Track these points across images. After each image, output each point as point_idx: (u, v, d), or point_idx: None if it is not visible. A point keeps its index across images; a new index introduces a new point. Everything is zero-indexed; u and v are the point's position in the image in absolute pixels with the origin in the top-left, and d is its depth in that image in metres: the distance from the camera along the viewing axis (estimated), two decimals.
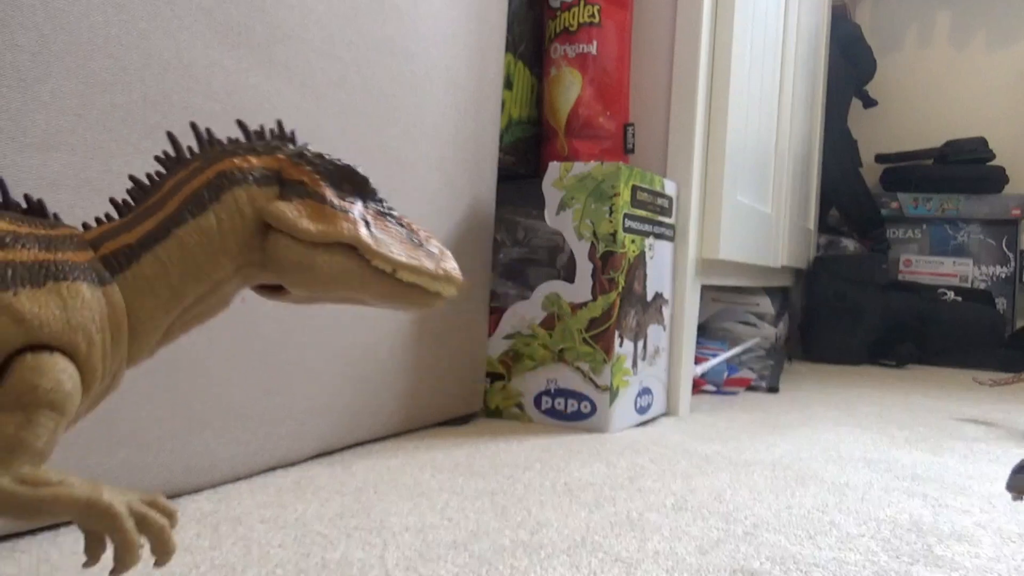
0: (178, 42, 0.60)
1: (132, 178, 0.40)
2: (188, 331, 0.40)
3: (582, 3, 1.20)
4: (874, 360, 2.19)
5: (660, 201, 1.12)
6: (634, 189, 1.04)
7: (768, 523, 0.67)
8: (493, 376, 1.08)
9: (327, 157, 0.41)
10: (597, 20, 1.19)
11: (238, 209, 0.39)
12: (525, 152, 1.23)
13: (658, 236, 1.12)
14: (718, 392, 1.45)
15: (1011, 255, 2.43)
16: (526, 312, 1.06)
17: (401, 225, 0.41)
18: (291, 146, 0.41)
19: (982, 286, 2.43)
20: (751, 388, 1.51)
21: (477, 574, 0.52)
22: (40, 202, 0.38)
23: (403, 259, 0.40)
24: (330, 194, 0.40)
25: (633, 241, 1.05)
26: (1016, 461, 0.99)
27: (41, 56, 0.51)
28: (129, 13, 0.57)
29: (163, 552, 0.36)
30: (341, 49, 0.77)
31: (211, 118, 0.64)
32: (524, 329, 1.06)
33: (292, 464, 0.77)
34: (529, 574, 0.52)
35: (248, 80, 0.67)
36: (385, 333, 0.87)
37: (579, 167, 1.04)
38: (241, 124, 0.42)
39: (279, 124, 0.43)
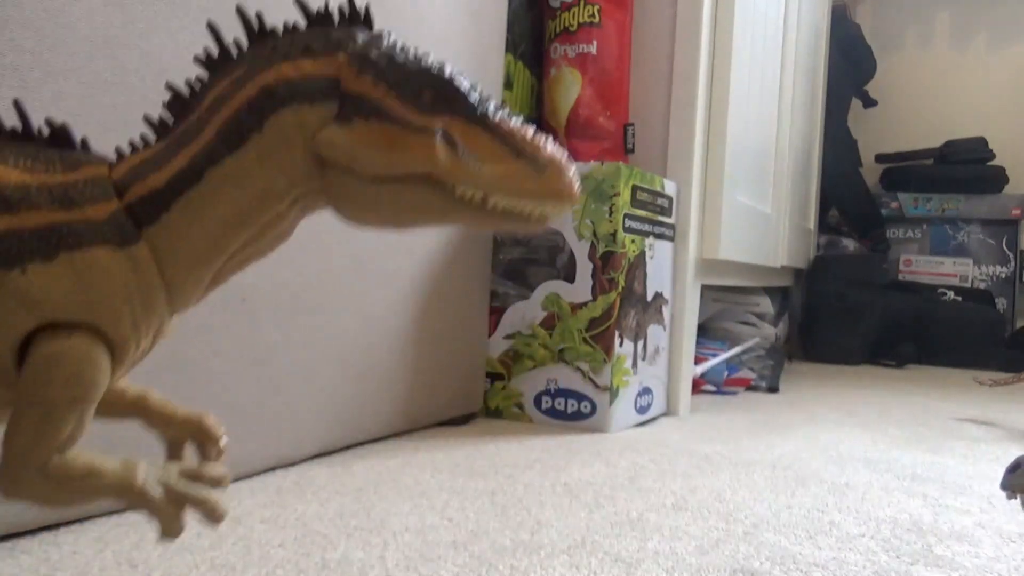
0: (178, 42, 0.60)
1: (170, 87, 0.34)
2: (243, 269, 0.36)
3: (582, 3, 1.20)
4: (874, 360, 2.19)
5: (660, 201, 1.12)
6: (634, 189, 1.04)
7: (768, 523, 0.67)
8: (493, 376, 1.08)
9: (400, 58, 0.32)
10: (597, 20, 1.19)
11: (284, 138, 0.32)
12: None
13: (658, 236, 1.12)
14: (718, 392, 1.45)
15: (1011, 255, 2.43)
16: (526, 312, 1.06)
17: (501, 134, 0.32)
18: (359, 38, 0.33)
19: (982, 286, 2.43)
20: (751, 388, 1.51)
21: (477, 574, 0.52)
22: (64, 128, 0.33)
23: (495, 182, 0.32)
24: (403, 109, 0.32)
25: (633, 241, 1.05)
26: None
27: (41, 56, 0.51)
28: (129, 13, 0.57)
29: (213, 520, 0.34)
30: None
31: None
32: (524, 329, 1.06)
33: (292, 464, 0.77)
34: (529, 574, 0.52)
35: None
36: (385, 333, 0.87)
37: (579, 167, 1.04)
38: (301, 4, 0.34)
39: (351, 2, 0.33)
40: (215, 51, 0.48)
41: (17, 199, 0.31)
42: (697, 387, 1.41)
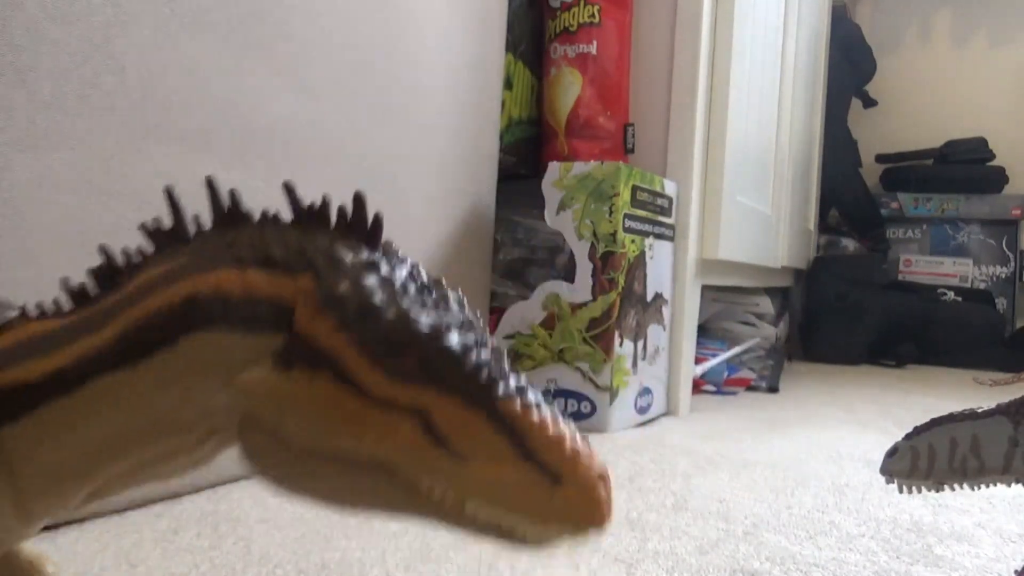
0: (178, 42, 0.60)
1: (104, 251, 0.28)
2: (144, 484, 0.28)
3: (582, 3, 1.20)
4: (874, 360, 2.19)
5: (660, 201, 1.12)
6: (634, 189, 1.04)
7: (768, 523, 0.67)
8: None
9: (383, 305, 0.24)
10: (597, 20, 1.19)
11: (201, 367, 0.25)
12: (525, 152, 1.23)
13: (658, 236, 1.12)
14: (718, 392, 1.45)
15: (1011, 255, 2.43)
16: (526, 312, 1.06)
17: (507, 424, 0.23)
18: (343, 260, 0.25)
19: (982, 286, 2.43)
20: (751, 388, 1.51)
21: (477, 574, 0.52)
22: None
23: (477, 485, 0.22)
24: (368, 371, 0.23)
25: (633, 241, 1.05)
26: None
27: (41, 56, 0.51)
28: (129, 13, 0.57)
29: None
30: (341, 50, 0.77)
31: (211, 119, 0.64)
32: (524, 329, 1.06)
33: None
34: (529, 574, 0.52)
35: (248, 81, 0.67)
36: None
37: (579, 167, 1.04)
38: (288, 188, 0.26)
39: (356, 201, 0.25)
40: (166, 224, 0.42)
41: None
42: (697, 387, 1.41)
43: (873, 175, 2.61)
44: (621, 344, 1.03)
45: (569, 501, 0.22)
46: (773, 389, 1.51)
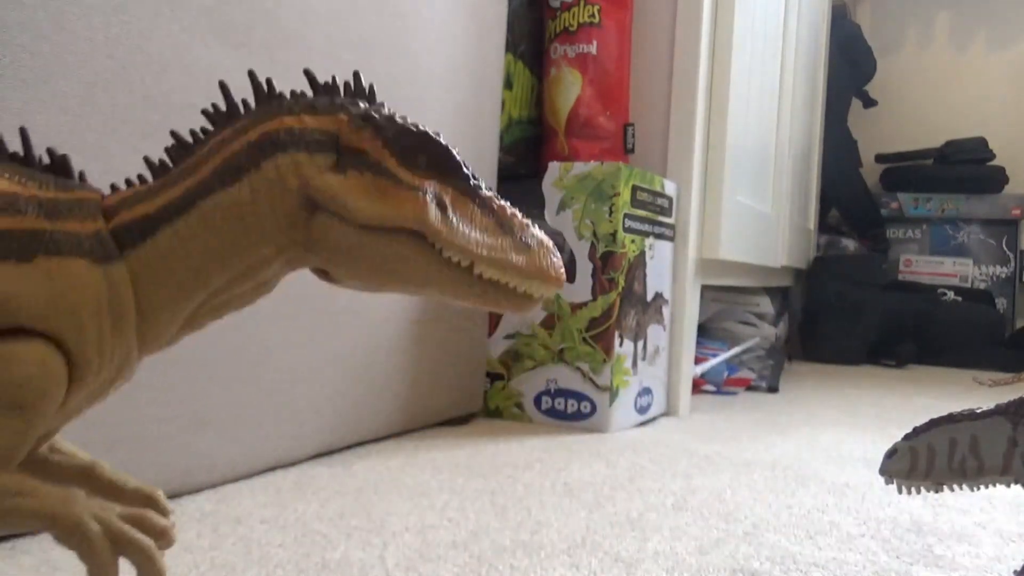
0: (178, 42, 0.60)
1: (174, 134, 0.34)
2: (220, 317, 0.35)
3: (582, 3, 1.20)
4: (874, 360, 2.19)
5: (660, 201, 1.12)
6: (634, 189, 1.04)
7: (768, 523, 0.67)
8: (493, 376, 1.08)
9: (400, 121, 0.34)
10: (597, 20, 1.19)
11: (280, 180, 0.32)
12: (525, 152, 1.23)
13: (658, 236, 1.12)
14: (718, 392, 1.45)
15: (1011, 255, 2.43)
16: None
17: (490, 209, 0.33)
18: (360, 105, 0.34)
19: (982, 286, 2.43)
20: (751, 388, 1.51)
21: (477, 574, 0.52)
22: (64, 159, 0.33)
23: (483, 251, 0.32)
24: (397, 167, 0.33)
25: (633, 241, 1.05)
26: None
27: (41, 56, 0.51)
28: (129, 13, 0.57)
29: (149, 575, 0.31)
30: (342, 50, 0.77)
31: None
32: (524, 329, 1.06)
33: (292, 464, 0.77)
34: (529, 574, 0.52)
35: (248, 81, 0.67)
36: (385, 333, 0.87)
37: (579, 167, 1.04)
38: (308, 74, 0.35)
39: (355, 76, 0.35)
40: (223, 107, 0.49)
41: (3, 204, 0.30)
42: (697, 387, 1.41)
43: (873, 175, 2.61)
44: (621, 344, 1.03)
45: (539, 260, 0.33)
46: (773, 389, 1.51)
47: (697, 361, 1.40)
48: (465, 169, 0.34)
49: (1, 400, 0.29)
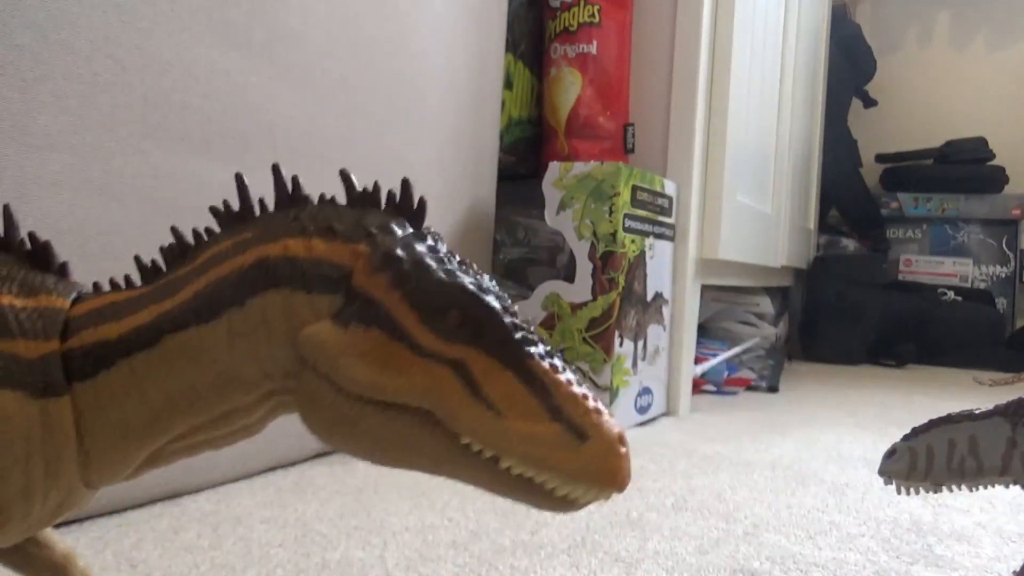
0: (178, 42, 0.60)
1: (174, 232, 0.30)
2: (195, 455, 0.30)
3: (582, 3, 1.20)
4: (874, 360, 2.19)
5: (660, 201, 1.12)
6: (634, 189, 1.04)
7: (768, 523, 0.67)
8: None
9: (433, 266, 0.26)
10: (597, 20, 1.19)
11: (266, 324, 0.27)
12: (525, 152, 1.23)
13: (658, 236, 1.12)
14: (718, 392, 1.45)
15: (1011, 255, 2.43)
16: (526, 312, 1.06)
17: (539, 384, 0.25)
18: (395, 232, 0.27)
19: (982, 286, 2.43)
20: (751, 388, 1.51)
21: (477, 574, 0.52)
22: (45, 248, 0.29)
23: (514, 442, 0.24)
24: (416, 327, 0.26)
25: (633, 241, 1.05)
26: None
27: (41, 56, 0.51)
28: (129, 13, 0.57)
29: None
30: (341, 50, 0.77)
31: (211, 119, 0.64)
32: None
33: (292, 464, 0.77)
34: (529, 574, 0.52)
35: (249, 80, 0.67)
36: None
37: (579, 167, 1.04)
38: (345, 177, 0.29)
39: (404, 186, 0.28)
40: (234, 206, 0.45)
41: None
42: (697, 387, 1.41)
43: (873, 175, 2.61)
44: (621, 344, 1.03)
45: (593, 459, 0.24)
46: (773, 389, 1.51)
47: (697, 361, 1.40)
48: (511, 332, 0.26)
49: None
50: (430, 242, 0.28)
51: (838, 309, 2.14)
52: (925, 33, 2.72)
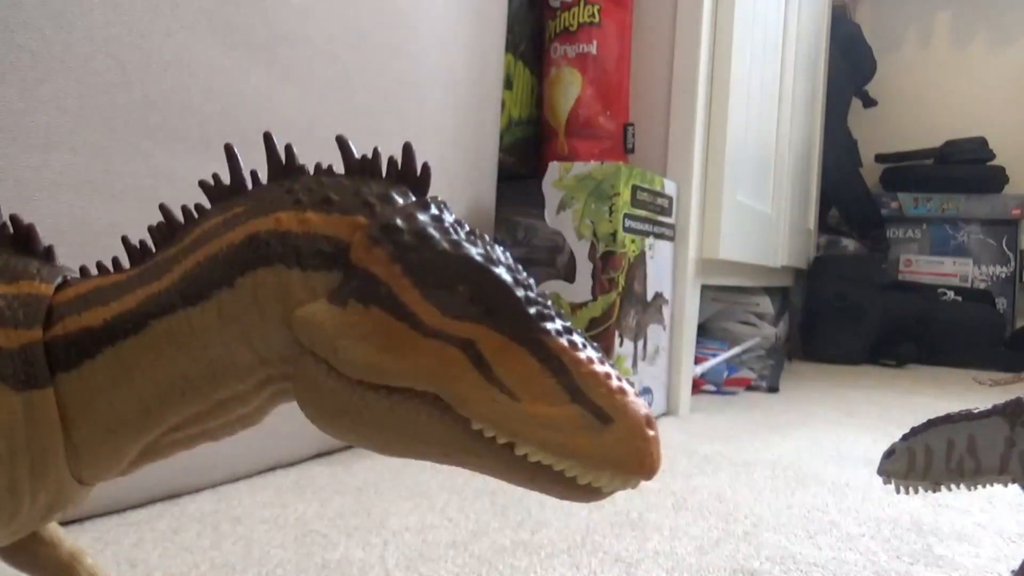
0: (178, 42, 0.60)
1: (163, 209, 0.28)
2: (193, 447, 0.28)
3: (582, 3, 1.20)
4: (874, 360, 2.19)
5: (660, 201, 1.12)
6: (634, 189, 1.04)
7: (768, 523, 0.67)
8: None
9: (437, 238, 0.24)
10: (597, 20, 1.19)
11: (258, 305, 0.25)
12: (525, 152, 1.23)
13: (658, 236, 1.12)
14: (718, 392, 1.45)
15: (1011, 255, 2.43)
16: None
17: (558, 364, 0.23)
18: (396, 202, 0.25)
19: (982, 286, 2.43)
20: (751, 388, 1.51)
21: (477, 574, 0.52)
22: (28, 231, 0.28)
23: (530, 427, 0.22)
24: (420, 303, 0.23)
25: (633, 241, 1.05)
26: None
27: (41, 56, 0.51)
28: (129, 13, 0.57)
29: None
30: (342, 50, 0.77)
31: (211, 119, 0.64)
32: None
33: (292, 464, 0.77)
34: (529, 574, 0.52)
35: (249, 81, 0.67)
36: None
37: (579, 167, 1.04)
38: (342, 143, 0.27)
39: (406, 151, 0.27)
40: (224, 179, 0.42)
41: None
42: (697, 387, 1.41)
43: (873, 175, 2.61)
44: (621, 344, 1.03)
45: (620, 441, 0.22)
46: (773, 389, 1.51)
47: (697, 361, 1.40)
48: (525, 307, 0.24)
49: None
50: (434, 211, 0.25)
51: (838, 309, 2.14)
52: (925, 33, 2.72)
